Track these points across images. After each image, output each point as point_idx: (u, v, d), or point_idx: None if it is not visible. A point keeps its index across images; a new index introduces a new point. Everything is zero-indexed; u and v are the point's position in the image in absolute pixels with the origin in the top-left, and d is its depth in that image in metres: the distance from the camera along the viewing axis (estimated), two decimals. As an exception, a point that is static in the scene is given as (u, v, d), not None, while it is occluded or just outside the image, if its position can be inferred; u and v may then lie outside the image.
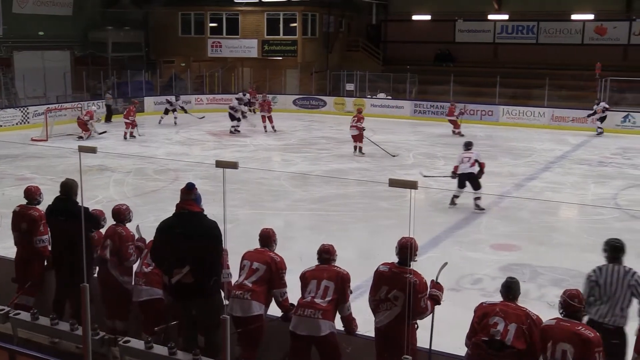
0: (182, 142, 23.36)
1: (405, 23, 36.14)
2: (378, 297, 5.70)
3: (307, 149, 21.93)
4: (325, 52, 35.00)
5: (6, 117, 25.81)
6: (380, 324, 5.67)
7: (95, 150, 5.21)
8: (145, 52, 35.15)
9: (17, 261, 7.40)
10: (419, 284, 5.54)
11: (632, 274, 6.06)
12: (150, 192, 15.56)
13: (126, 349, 5.42)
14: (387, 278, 5.67)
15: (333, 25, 35.73)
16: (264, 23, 33.56)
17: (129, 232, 6.99)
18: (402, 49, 36.56)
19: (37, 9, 30.40)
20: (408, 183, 4.13)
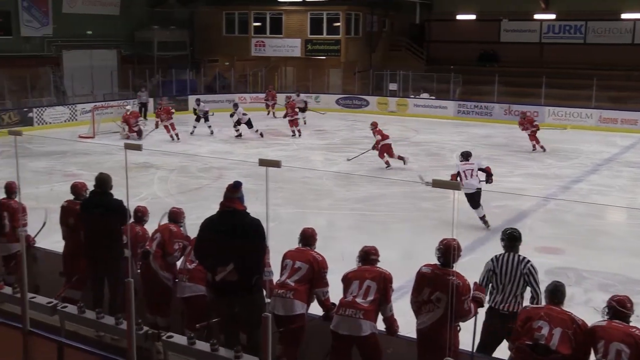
0: (226, 140, 23.55)
1: (449, 22, 35.84)
2: (420, 298, 5.65)
3: (350, 149, 21.88)
4: (369, 51, 34.91)
5: (55, 114, 26.39)
6: (422, 326, 5.62)
7: (140, 147, 5.29)
8: (190, 51, 35.53)
9: (64, 255, 7.55)
10: (462, 285, 5.49)
11: (525, 262, 6.41)
12: (194, 190, 15.72)
13: (169, 344, 5.48)
14: (429, 279, 5.63)
15: (376, 25, 35.63)
16: (307, 22, 33.63)
17: (180, 230, 7.11)
18: (446, 48, 36.25)
19: (86, 8, 31.00)
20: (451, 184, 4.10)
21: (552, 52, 34.00)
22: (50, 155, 19.72)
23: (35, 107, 26.24)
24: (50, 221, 8.28)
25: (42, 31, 29.47)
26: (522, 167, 19.09)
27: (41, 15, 29.33)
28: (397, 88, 32.76)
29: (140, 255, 7.03)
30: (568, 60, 32.46)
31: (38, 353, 5.51)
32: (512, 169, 18.87)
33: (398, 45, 36.98)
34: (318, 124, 27.31)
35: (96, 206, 6.89)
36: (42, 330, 5.71)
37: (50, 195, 14.00)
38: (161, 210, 7.88)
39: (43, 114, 26.05)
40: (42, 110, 26.23)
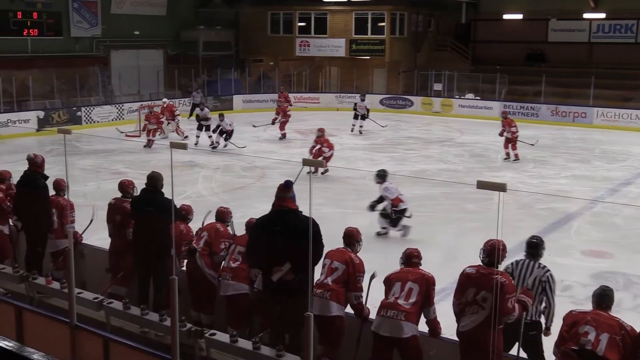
0: (270, 140, 23.66)
1: (496, 22, 35.40)
2: (464, 299, 5.58)
3: (394, 149, 21.80)
4: (413, 51, 34.72)
5: (103, 113, 26.87)
6: (465, 328, 5.55)
7: (185, 146, 5.36)
8: (235, 51, 35.82)
9: (110, 252, 7.68)
10: (508, 284, 5.44)
11: (545, 270, 6.35)
12: (238, 189, 15.83)
13: (212, 341, 5.55)
14: (474, 279, 5.56)
15: (421, 25, 35.41)
16: (352, 22, 33.60)
17: (227, 230, 7.17)
18: (492, 48, 35.80)
19: (134, 9, 31.51)
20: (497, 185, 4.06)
21: (602, 52, 33.27)
22: (98, 153, 20.08)
23: (84, 106, 26.75)
24: (97, 218, 8.43)
25: (91, 32, 30.05)
26: (569, 169, 18.75)
27: (90, 16, 29.91)
28: (441, 88, 32.49)
29: (186, 252, 7.10)
30: (618, 61, 31.73)
31: (84, 347, 5.61)
32: (559, 170, 18.56)
33: (443, 45, 36.67)
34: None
35: (147, 204, 6.98)
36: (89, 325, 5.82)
37: (98, 192, 14.26)
38: (205, 209, 7.95)
39: (91, 112, 26.55)
40: (90, 109, 26.73)
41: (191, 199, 13.54)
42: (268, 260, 5.65)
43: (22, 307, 6.23)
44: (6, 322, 6.07)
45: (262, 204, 13.14)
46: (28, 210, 8.05)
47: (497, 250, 5.47)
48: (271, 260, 5.60)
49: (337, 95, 33.14)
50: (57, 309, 6.51)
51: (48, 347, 5.61)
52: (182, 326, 5.51)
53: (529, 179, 17.39)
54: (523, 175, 17.86)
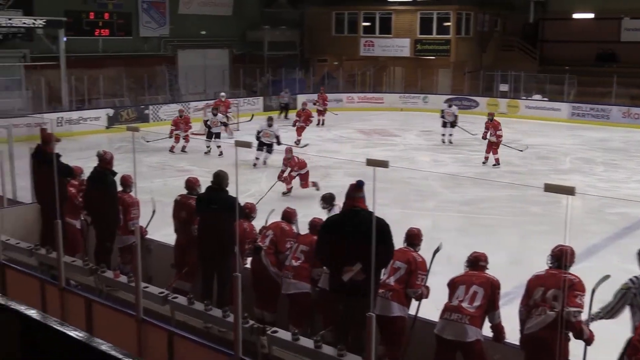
0: (333, 139, 23.69)
1: (565, 21, 34.58)
2: (532, 301, 5.47)
3: (458, 150, 21.54)
4: (479, 51, 34.23)
5: (169, 111, 27.34)
6: (531, 330, 5.43)
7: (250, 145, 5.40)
8: (299, 50, 36.02)
9: (176, 248, 7.83)
10: (578, 282, 5.36)
11: None
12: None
13: (274, 339, 5.58)
14: (543, 278, 5.49)
15: (488, 24, 34.88)
16: (417, 22, 33.35)
17: (292, 229, 7.21)
18: (561, 48, 34.94)
19: (200, 9, 32.06)
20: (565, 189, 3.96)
21: (678, 52, 32.12)
22: (164, 151, 20.47)
23: (152, 105, 27.33)
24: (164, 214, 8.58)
25: (159, 31, 30.74)
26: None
27: (159, 16, 30.59)
28: (508, 89, 31.92)
29: (251, 250, 7.16)
30: (695, 61, 30.59)
31: (150, 340, 5.73)
32: (631, 174, 18.01)
33: (510, 45, 36.01)
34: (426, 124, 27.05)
35: (212, 202, 7.09)
36: (154, 318, 5.94)
37: (164, 189, 14.53)
38: (269, 208, 8.02)
39: (158, 111, 27.10)
40: (157, 107, 27.29)
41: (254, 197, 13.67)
42: (338, 260, 5.63)
43: (92, 299, 6.41)
44: (77, 313, 6.25)
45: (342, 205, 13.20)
46: (97, 206, 8.27)
47: (565, 255, 5.34)
48: (341, 260, 5.58)
49: (401, 96, 32.93)
50: (124, 302, 6.67)
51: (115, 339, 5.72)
52: (245, 323, 5.56)
53: (599, 182, 16.93)
54: (592, 178, 17.40)
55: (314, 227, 6.87)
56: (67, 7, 26.68)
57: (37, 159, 8.65)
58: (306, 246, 6.80)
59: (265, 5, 35.41)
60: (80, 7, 27.54)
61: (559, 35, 35.21)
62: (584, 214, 13.60)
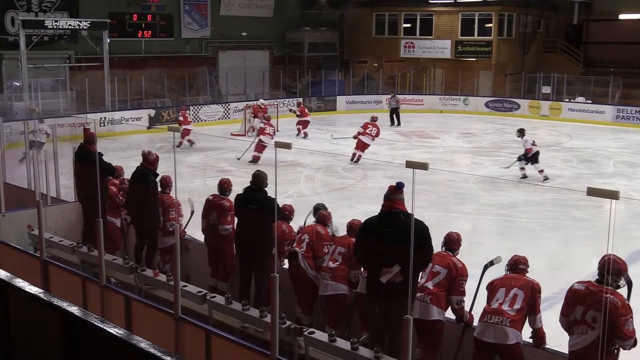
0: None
1: (611, 23, 33.89)
2: (572, 318, 5.27)
3: (499, 153, 21.30)
4: (521, 53, 33.78)
5: (210, 112, 27.66)
6: (574, 348, 5.25)
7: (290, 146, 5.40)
8: (339, 52, 36.01)
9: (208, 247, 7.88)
10: (621, 304, 5.03)
11: None
12: (339, 189, 15.90)
13: (310, 339, 5.58)
14: (582, 296, 5.22)
15: (530, 26, 34.41)
16: (458, 23, 33.08)
17: (327, 232, 7.21)
18: (606, 50, 34.27)
19: (241, 11, 32.30)
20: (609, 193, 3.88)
21: None
22: (204, 151, 20.66)
23: (192, 105, 27.61)
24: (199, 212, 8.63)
25: (200, 33, 31.04)
26: (687, 178, 17.75)
27: (200, 18, 30.90)
28: (550, 91, 31.45)
29: (288, 255, 7.16)
30: None
31: (187, 339, 5.78)
32: (677, 179, 17.61)
33: (553, 47, 35.46)
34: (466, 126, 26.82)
35: (251, 201, 7.13)
36: (192, 317, 5.99)
37: (204, 189, 14.64)
38: (307, 208, 8.02)
39: (199, 111, 27.37)
40: (198, 108, 27.56)
41: (293, 198, 13.71)
42: (376, 261, 5.62)
43: (131, 297, 6.49)
44: (117, 310, 6.34)
45: (363, 205, 13.21)
46: (138, 205, 8.37)
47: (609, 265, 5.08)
48: (380, 262, 5.56)
49: (441, 98, 32.71)
50: (163, 300, 6.74)
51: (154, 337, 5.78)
52: (282, 323, 5.58)
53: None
54: (636, 182, 17.04)
55: (352, 229, 6.86)
56: (111, 9, 27.15)
57: (80, 157, 8.79)
58: (344, 248, 6.79)
59: (306, 6, 35.48)
60: (123, 9, 27.99)
61: (603, 37, 34.52)
62: (627, 218, 13.32)
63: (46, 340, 2.82)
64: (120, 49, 27.11)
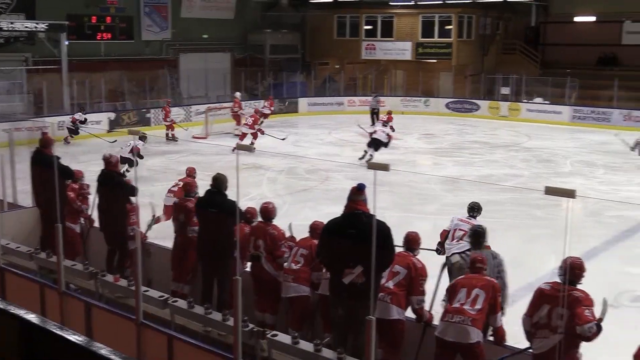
0: (334, 143, 23.72)
1: (567, 25, 34.56)
2: (537, 318, 5.42)
3: (459, 153, 21.55)
4: (481, 54, 34.23)
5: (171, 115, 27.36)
6: (539, 351, 5.39)
7: (251, 148, 5.41)
8: (301, 54, 36.05)
9: (174, 248, 7.85)
10: (585, 297, 5.25)
11: (498, 259, 6.85)
12: (301, 191, 15.91)
13: (273, 342, 5.58)
14: (548, 296, 5.41)
15: (489, 28, 34.89)
16: (418, 25, 33.36)
17: (280, 230, 7.17)
18: (562, 51, 34.91)
19: (202, 12, 32.11)
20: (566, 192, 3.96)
21: (679, 55, 32.09)
22: (165, 154, 20.50)
23: (153, 108, 27.35)
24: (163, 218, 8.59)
25: (161, 35, 30.79)
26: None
27: (161, 20, 30.65)
28: (509, 92, 31.93)
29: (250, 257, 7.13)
30: (696, 64, 30.57)
31: (149, 344, 5.73)
32: (631, 177, 18.00)
33: (512, 49, 36.00)
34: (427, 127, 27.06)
35: (211, 205, 7.10)
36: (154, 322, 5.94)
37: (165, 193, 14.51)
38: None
39: (160, 114, 27.12)
40: (159, 111, 27.29)
41: (255, 200, 13.67)
42: (339, 263, 5.63)
43: (91, 303, 6.41)
44: (76, 317, 6.26)
45: (326, 207, 13.24)
46: (108, 210, 8.24)
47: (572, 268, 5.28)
48: (342, 263, 5.58)
49: (403, 99, 32.96)
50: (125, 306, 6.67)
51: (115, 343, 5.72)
52: (245, 326, 5.56)
53: (599, 185, 16.92)
54: (593, 181, 17.38)
55: (314, 231, 6.87)
56: (69, 11, 26.67)
57: (36, 162, 8.62)
58: (306, 249, 6.81)
59: (267, 8, 35.44)
60: (82, 11, 27.56)
61: (560, 39, 35.18)
62: (584, 217, 13.61)
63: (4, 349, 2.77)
64: (79, 51, 26.73)
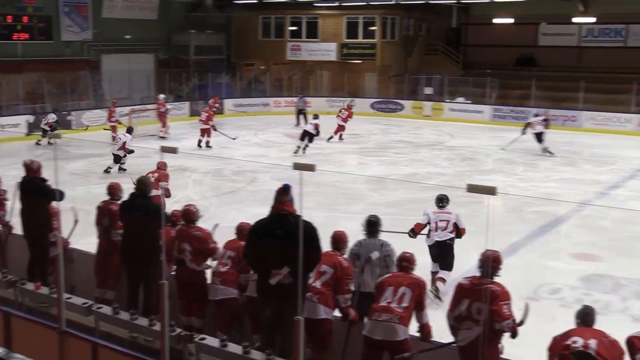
0: (260, 144, 23.67)
1: (487, 26, 35.56)
2: (458, 312, 5.60)
3: (384, 153, 21.85)
4: (404, 55, 34.81)
5: (93, 117, 26.75)
6: (462, 343, 5.55)
7: (176, 150, 5.34)
8: (226, 55, 35.81)
9: (98, 254, 7.67)
10: (501, 291, 5.45)
11: (386, 245, 6.98)
12: (228, 193, 15.82)
13: (202, 346, 5.53)
14: (467, 290, 5.59)
15: (413, 29, 35.50)
16: (343, 26, 33.66)
17: (205, 230, 7.10)
18: (483, 52, 35.94)
19: (125, 13, 31.47)
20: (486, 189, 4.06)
21: (592, 56, 33.43)
22: (88, 157, 20.01)
23: (74, 110, 26.66)
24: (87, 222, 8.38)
25: (82, 35, 30.00)
26: (559, 172, 18.84)
27: (81, 20, 29.87)
28: (432, 92, 32.59)
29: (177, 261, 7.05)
30: (608, 65, 31.91)
31: (73, 353, 5.60)
32: (549, 174, 18.65)
33: (434, 49, 36.77)
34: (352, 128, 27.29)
35: (136, 208, 6.98)
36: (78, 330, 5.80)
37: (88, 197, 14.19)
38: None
39: (81, 117, 26.46)
40: (80, 113, 26.63)
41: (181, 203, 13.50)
42: (266, 264, 5.62)
43: (10, 312, 6.20)
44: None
45: (253, 208, 13.20)
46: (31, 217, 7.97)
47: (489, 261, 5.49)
48: (269, 264, 5.57)
49: (328, 99, 33.18)
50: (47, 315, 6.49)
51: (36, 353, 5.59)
52: (172, 331, 5.50)
53: (519, 182, 17.45)
54: (513, 178, 17.91)
55: (241, 232, 6.84)
56: (-17, 10, 25.79)
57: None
58: (233, 251, 6.78)
59: (191, 9, 35.03)
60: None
61: (480, 40, 36.20)
62: (505, 213, 14.00)
63: None
64: (-6, 52, 25.84)
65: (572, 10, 32.77)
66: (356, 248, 6.93)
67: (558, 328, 5.37)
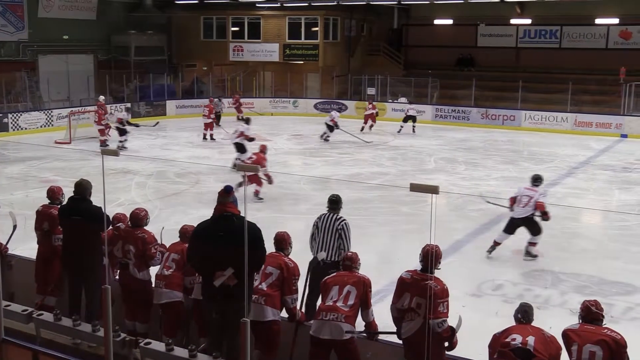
0: (204, 145, 23.47)
1: (427, 27, 36.06)
2: (400, 305, 5.69)
3: (328, 153, 21.93)
4: (347, 56, 35.01)
5: (31, 119, 26.10)
6: (405, 335, 5.66)
7: (117, 153, 5.25)
8: (167, 56, 35.38)
9: (37, 260, 7.48)
10: (439, 289, 5.53)
11: (340, 220, 8.01)
12: (172, 195, 15.63)
13: (147, 350, 5.45)
14: (408, 285, 5.67)
15: (355, 30, 35.73)
16: (285, 27, 33.65)
17: (150, 233, 7.00)
18: (424, 53, 36.47)
19: (62, 13, 30.74)
20: (429, 188, 4.11)
21: (529, 56, 34.32)
22: (26, 161, 19.52)
23: (11, 113, 25.93)
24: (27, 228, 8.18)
25: (17, 36, 29.18)
26: (499, 171, 19.23)
27: (16, 20, 29.05)
28: (375, 92, 32.86)
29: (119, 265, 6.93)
30: (544, 65, 32.82)
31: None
32: (490, 172, 19.01)
33: (376, 50, 37.10)
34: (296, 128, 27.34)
35: (75, 212, 6.83)
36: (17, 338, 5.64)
37: (26, 201, 13.86)
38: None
39: (18, 119, 25.76)
40: (17, 115, 25.92)
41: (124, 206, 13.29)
42: (210, 266, 5.57)
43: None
44: None
45: (197, 210, 13.10)
46: None
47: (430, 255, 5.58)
48: (213, 266, 5.52)
49: (271, 100, 33.15)
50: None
51: (-26, 363, 5.42)
52: (116, 336, 5.40)
53: (461, 181, 17.73)
54: (455, 177, 18.19)
55: (184, 235, 6.77)
56: None
57: None
58: (177, 254, 6.70)
59: (131, 9, 34.46)
60: None
61: (421, 41, 36.71)
62: (448, 211, 14.23)
63: None
64: None
65: (509, 12, 33.56)
66: (319, 221, 8.01)
67: (501, 324, 5.50)
